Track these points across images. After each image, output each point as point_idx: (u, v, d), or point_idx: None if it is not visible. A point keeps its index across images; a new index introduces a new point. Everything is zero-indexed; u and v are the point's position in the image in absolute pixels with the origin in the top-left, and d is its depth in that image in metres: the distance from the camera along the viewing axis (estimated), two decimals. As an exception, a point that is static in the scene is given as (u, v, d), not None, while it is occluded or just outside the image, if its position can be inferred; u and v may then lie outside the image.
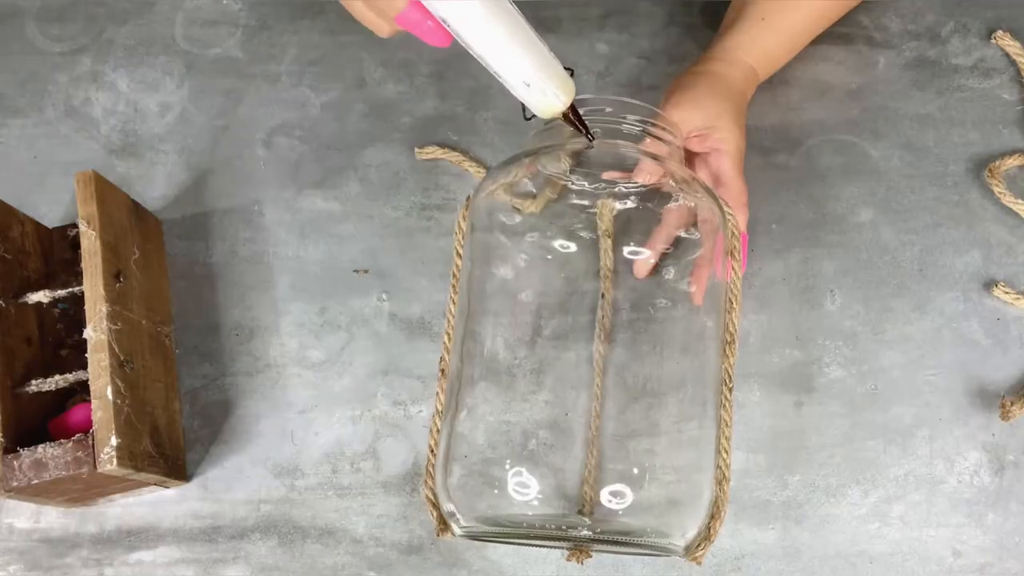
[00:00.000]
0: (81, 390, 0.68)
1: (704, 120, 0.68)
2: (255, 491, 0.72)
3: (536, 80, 0.55)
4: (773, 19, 0.73)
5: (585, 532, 0.59)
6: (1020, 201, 0.75)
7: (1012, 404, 0.69)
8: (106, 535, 0.71)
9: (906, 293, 0.74)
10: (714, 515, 0.60)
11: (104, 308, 0.65)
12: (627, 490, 0.59)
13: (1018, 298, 0.73)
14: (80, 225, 0.66)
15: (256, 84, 0.82)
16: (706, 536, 0.60)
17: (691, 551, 0.60)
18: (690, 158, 0.69)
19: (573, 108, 0.58)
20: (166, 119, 0.82)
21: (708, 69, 0.71)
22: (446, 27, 0.54)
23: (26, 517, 0.72)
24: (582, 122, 0.59)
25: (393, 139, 0.80)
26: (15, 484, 0.62)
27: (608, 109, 0.61)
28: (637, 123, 0.61)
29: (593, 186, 0.61)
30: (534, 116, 0.58)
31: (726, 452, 0.61)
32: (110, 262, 0.67)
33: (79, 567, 0.70)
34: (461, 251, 0.64)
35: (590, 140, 0.60)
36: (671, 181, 0.62)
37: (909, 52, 0.81)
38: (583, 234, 0.64)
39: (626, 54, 0.82)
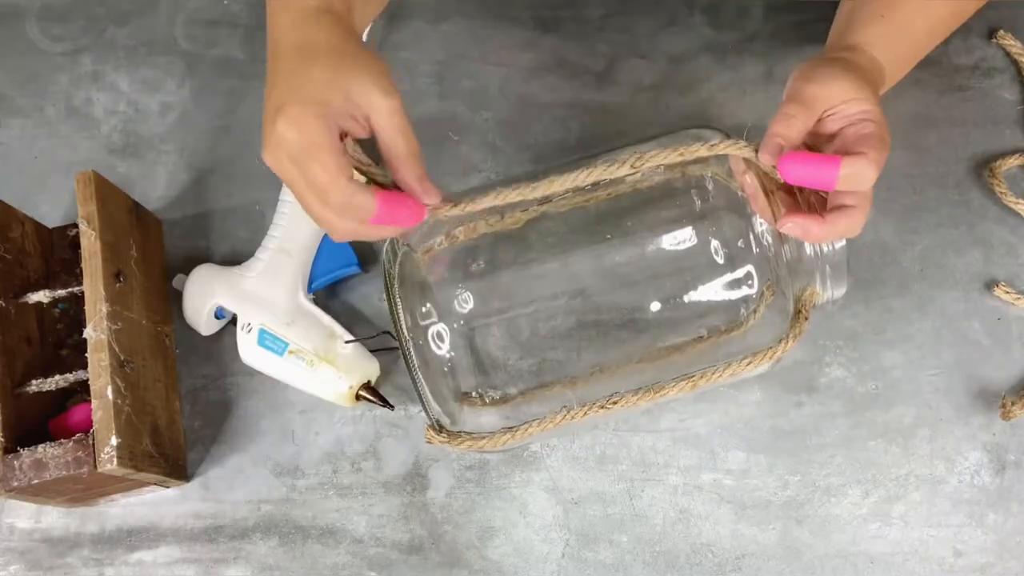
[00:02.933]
0: (81, 390, 0.68)
1: (842, 94, 0.59)
2: (256, 491, 0.72)
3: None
4: (894, 16, 0.65)
5: None
6: (1021, 201, 0.75)
7: (1013, 404, 0.69)
8: (107, 535, 0.71)
9: (907, 293, 0.74)
10: None
11: (104, 308, 0.65)
12: None
13: (1019, 298, 0.73)
14: (80, 225, 0.66)
15: (257, 84, 0.82)
16: None
17: None
18: (822, 139, 0.61)
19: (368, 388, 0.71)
20: (167, 119, 0.82)
21: (841, 56, 0.64)
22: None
23: (27, 517, 0.72)
24: (380, 396, 0.71)
25: (394, 139, 0.80)
26: (16, 484, 0.62)
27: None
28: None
29: None
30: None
31: None
32: (110, 262, 0.67)
33: (80, 567, 0.70)
34: None
35: (390, 408, 0.71)
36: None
37: (910, 52, 0.80)
38: None
39: (626, 54, 0.82)
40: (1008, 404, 0.69)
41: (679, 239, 0.64)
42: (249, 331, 0.71)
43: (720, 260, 0.63)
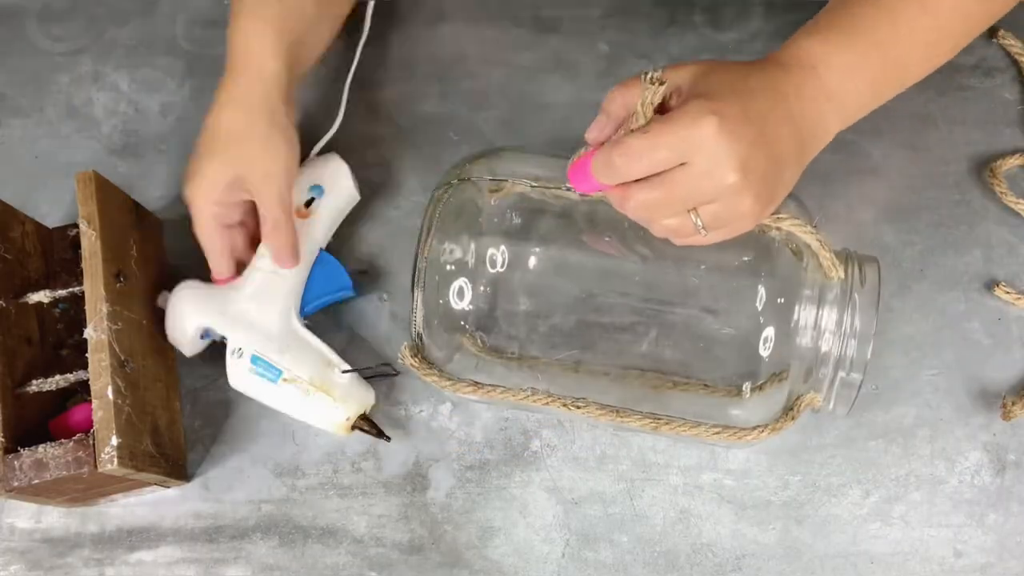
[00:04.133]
0: (82, 390, 0.68)
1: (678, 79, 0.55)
2: (256, 491, 0.72)
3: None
4: (857, 23, 0.60)
5: None
6: (1021, 201, 0.75)
7: (1013, 404, 0.69)
8: (107, 535, 0.71)
9: (907, 293, 0.74)
10: None
11: (104, 308, 0.65)
12: None
13: (1019, 298, 0.73)
14: (80, 225, 0.66)
15: (257, 84, 0.82)
16: None
17: None
18: None
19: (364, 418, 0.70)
20: (167, 119, 0.82)
21: (747, 62, 0.58)
22: None
23: (27, 517, 0.72)
24: (376, 427, 0.70)
25: (394, 139, 0.80)
26: (16, 484, 0.62)
27: None
28: None
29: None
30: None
31: None
32: (110, 262, 0.67)
33: (80, 567, 0.71)
34: None
35: (387, 440, 0.70)
36: None
37: (910, 52, 0.80)
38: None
39: (627, 54, 0.82)
40: (1009, 404, 0.69)
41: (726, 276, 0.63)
42: (240, 356, 0.68)
43: (759, 306, 0.61)
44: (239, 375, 0.69)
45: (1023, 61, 0.79)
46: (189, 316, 0.70)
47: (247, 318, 0.69)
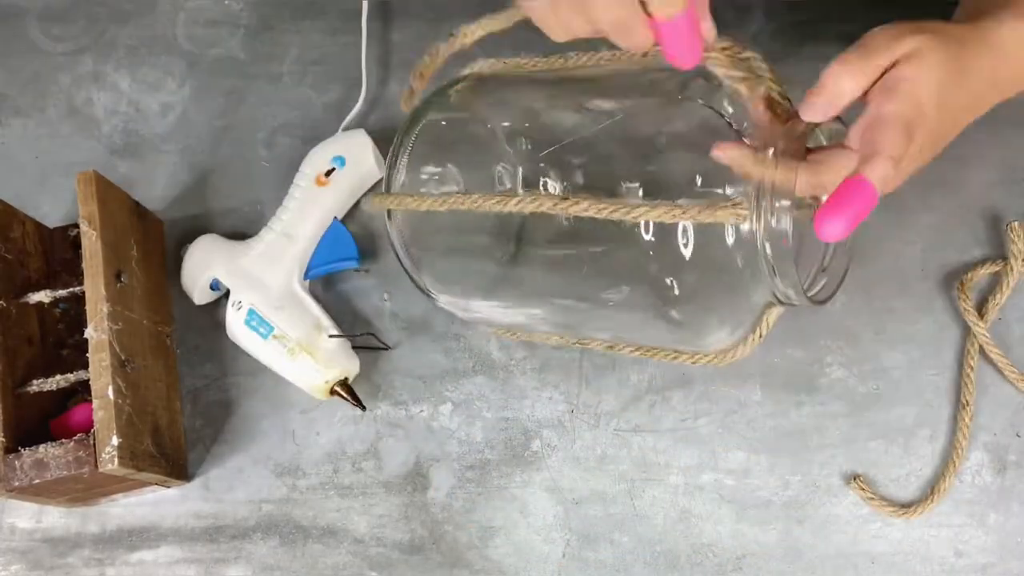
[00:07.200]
0: (82, 390, 0.68)
1: (910, 44, 0.53)
2: (256, 491, 0.72)
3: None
4: None
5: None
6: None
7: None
8: (108, 535, 0.71)
9: (907, 293, 0.74)
10: None
11: (105, 308, 0.65)
12: None
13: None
14: (81, 225, 0.66)
15: (258, 84, 0.82)
16: None
17: None
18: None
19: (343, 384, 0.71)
20: (167, 119, 0.82)
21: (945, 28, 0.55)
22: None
23: (28, 517, 0.72)
24: (354, 395, 0.72)
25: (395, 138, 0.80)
26: (17, 484, 0.62)
27: None
28: None
29: None
30: None
31: None
32: (111, 262, 0.67)
33: (81, 567, 0.71)
34: None
35: (362, 409, 0.72)
36: None
37: (911, 52, 0.80)
38: None
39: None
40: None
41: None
42: (239, 308, 0.72)
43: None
44: (235, 325, 0.72)
45: None
46: (202, 266, 0.73)
47: (252, 274, 0.73)
